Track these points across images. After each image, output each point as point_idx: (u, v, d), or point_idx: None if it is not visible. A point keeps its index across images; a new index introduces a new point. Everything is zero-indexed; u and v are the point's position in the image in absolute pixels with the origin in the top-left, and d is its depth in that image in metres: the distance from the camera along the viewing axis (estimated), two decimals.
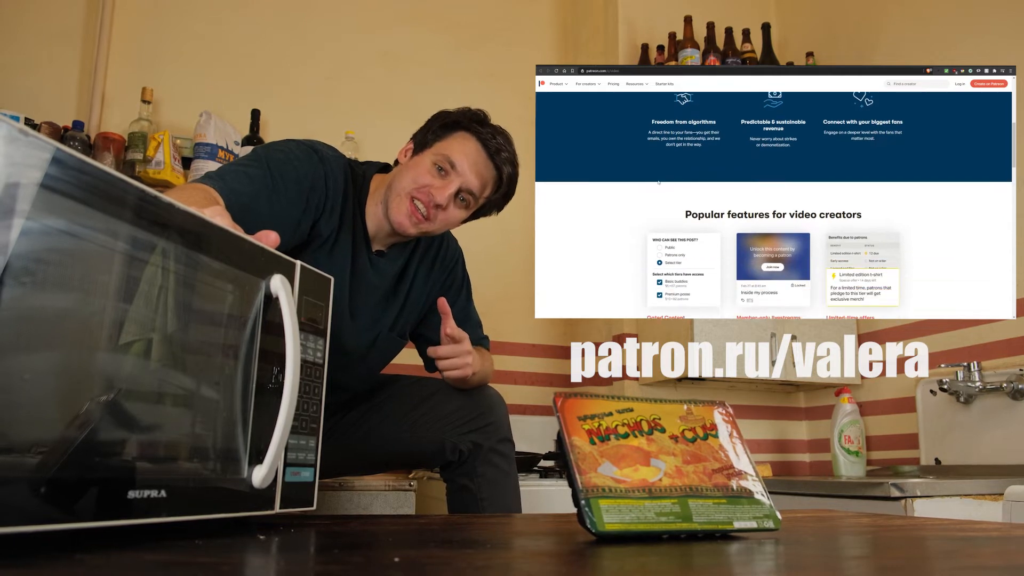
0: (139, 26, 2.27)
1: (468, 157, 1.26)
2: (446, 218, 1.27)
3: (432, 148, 1.27)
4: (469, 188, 1.26)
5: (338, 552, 0.60)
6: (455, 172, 1.25)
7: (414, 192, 1.24)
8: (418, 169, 1.25)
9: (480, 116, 1.31)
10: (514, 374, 2.49)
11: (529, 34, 2.80)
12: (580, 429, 0.68)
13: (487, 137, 1.28)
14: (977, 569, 0.53)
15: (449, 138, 1.28)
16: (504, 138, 1.30)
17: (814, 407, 2.53)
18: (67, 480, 0.48)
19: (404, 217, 1.24)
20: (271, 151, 1.19)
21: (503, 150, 1.29)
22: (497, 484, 1.32)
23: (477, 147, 1.27)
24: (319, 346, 0.78)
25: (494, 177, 1.30)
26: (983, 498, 1.51)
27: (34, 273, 0.47)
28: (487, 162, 1.28)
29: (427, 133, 1.30)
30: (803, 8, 2.74)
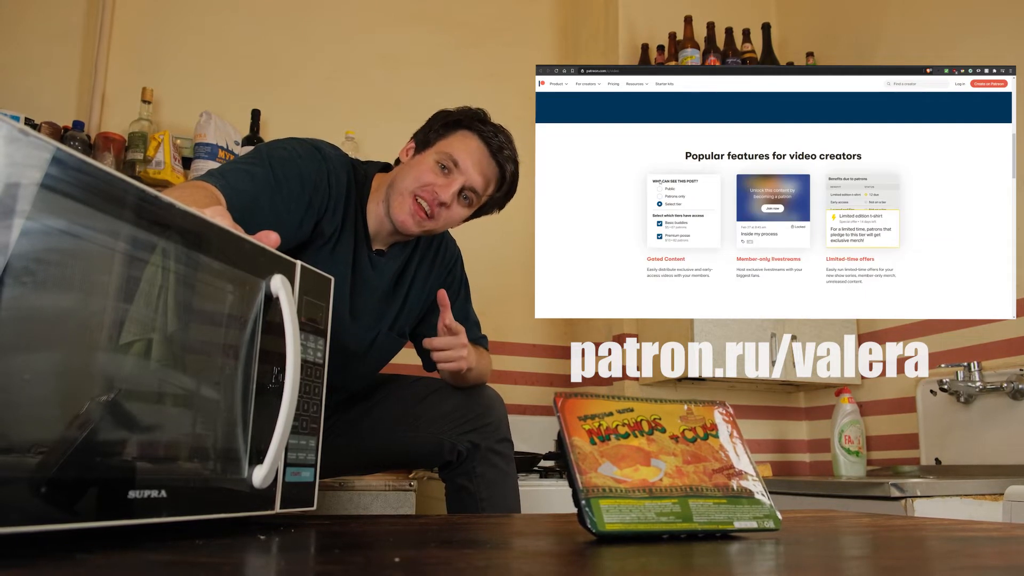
0: (139, 26, 2.27)
1: (471, 155, 1.26)
2: (449, 216, 1.27)
3: (435, 147, 1.27)
4: (472, 186, 1.26)
5: (338, 552, 0.60)
6: (458, 170, 1.25)
7: (417, 191, 1.24)
8: (421, 168, 1.25)
9: (481, 115, 1.31)
10: (514, 374, 2.49)
11: (529, 34, 2.80)
12: (580, 429, 0.68)
13: (489, 135, 1.28)
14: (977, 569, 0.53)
15: (451, 136, 1.28)
16: (505, 136, 1.31)
17: (814, 407, 2.53)
18: (68, 480, 0.48)
19: (407, 216, 1.24)
20: (274, 149, 1.18)
21: (505, 148, 1.29)
22: (496, 484, 1.31)
23: (480, 145, 1.27)
24: (319, 346, 0.78)
25: (496, 175, 1.30)
26: (983, 498, 1.51)
27: (34, 273, 0.47)
28: (490, 160, 1.28)
29: (429, 132, 1.30)
30: (803, 8, 2.74)
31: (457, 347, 1.26)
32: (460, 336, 1.27)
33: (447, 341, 1.26)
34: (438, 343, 1.26)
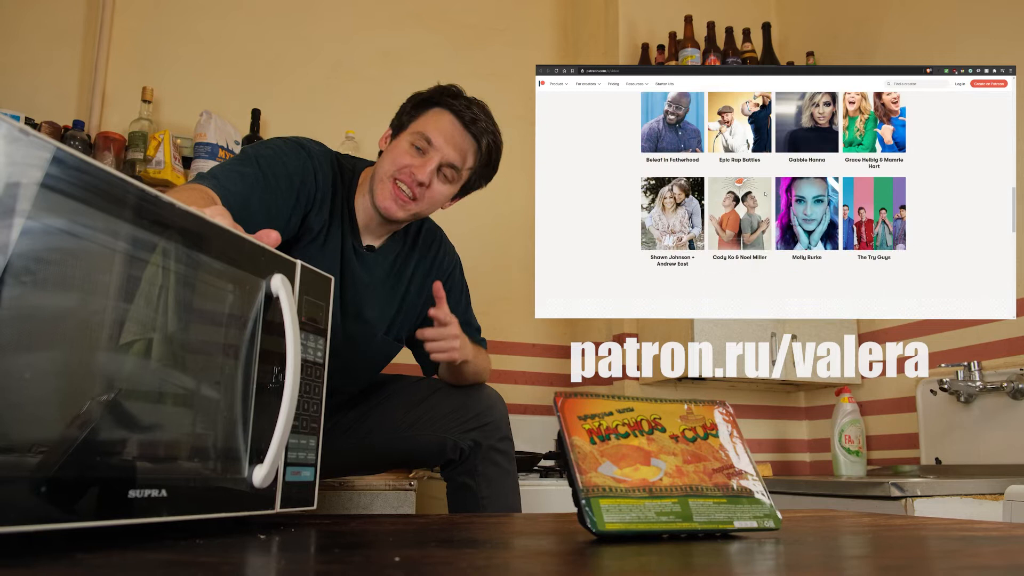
0: (139, 26, 2.27)
1: (443, 131, 1.25)
2: (432, 196, 1.26)
3: (408, 129, 1.27)
4: (449, 161, 1.25)
5: (338, 552, 0.60)
6: (432, 148, 1.24)
7: (395, 174, 1.24)
8: (396, 151, 1.25)
9: (453, 90, 1.30)
10: (514, 374, 2.49)
11: (529, 34, 2.80)
12: (580, 429, 0.68)
13: (461, 108, 1.27)
14: (977, 569, 0.53)
15: (423, 116, 1.27)
16: (480, 108, 1.29)
17: (814, 407, 2.53)
18: (68, 479, 0.48)
19: (390, 201, 1.24)
20: (260, 149, 1.20)
21: (480, 120, 1.27)
22: (497, 482, 1.32)
23: (451, 119, 1.26)
24: (319, 346, 0.78)
25: (474, 147, 1.28)
26: (983, 498, 1.51)
27: (34, 273, 0.47)
28: (463, 132, 1.27)
29: (402, 116, 1.30)
30: (803, 8, 2.74)
31: (448, 337, 1.26)
32: (452, 327, 1.26)
33: (438, 332, 1.25)
34: (429, 333, 1.26)
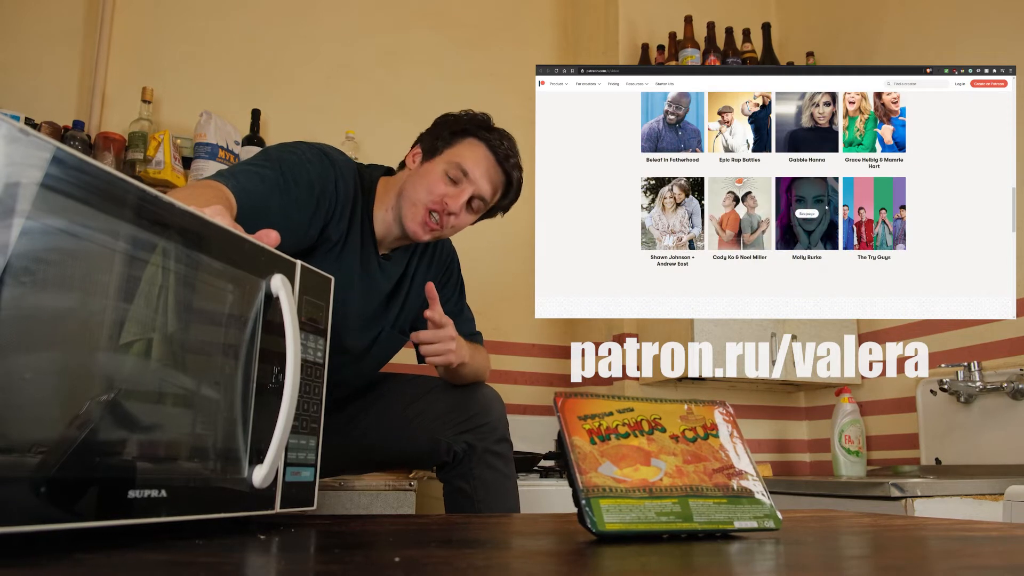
0: (139, 26, 2.27)
1: (479, 165, 1.27)
2: (457, 224, 1.29)
3: (442, 155, 1.28)
4: (481, 195, 1.28)
5: (338, 552, 0.60)
6: (468, 180, 1.26)
7: (430, 204, 1.25)
8: (430, 178, 1.26)
9: (486, 121, 1.32)
10: (514, 374, 2.49)
11: (529, 34, 2.80)
12: (580, 429, 0.68)
13: (496, 143, 1.29)
14: (977, 569, 0.53)
15: (458, 145, 1.29)
16: (510, 142, 1.32)
17: (814, 407, 2.53)
18: (68, 480, 0.48)
19: (419, 226, 1.25)
20: (283, 152, 1.19)
21: (511, 155, 1.31)
22: (494, 487, 1.30)
23: (487, 154, 1.29)
24: (319, 346, 0.78)
25: (503, 182, 1.32)
26: (983, 498, 1.51)
27: (34, 273, 0.47)
28: (497, 168, 1.30)
29: (436, 139, 1.31)
30: (803, 8, 2.74)
31: (444, 340, 1.25)
32: (447, 329, 1.25)
33: (433, 334, 1.25)
34: (424, 336, 1.25)
